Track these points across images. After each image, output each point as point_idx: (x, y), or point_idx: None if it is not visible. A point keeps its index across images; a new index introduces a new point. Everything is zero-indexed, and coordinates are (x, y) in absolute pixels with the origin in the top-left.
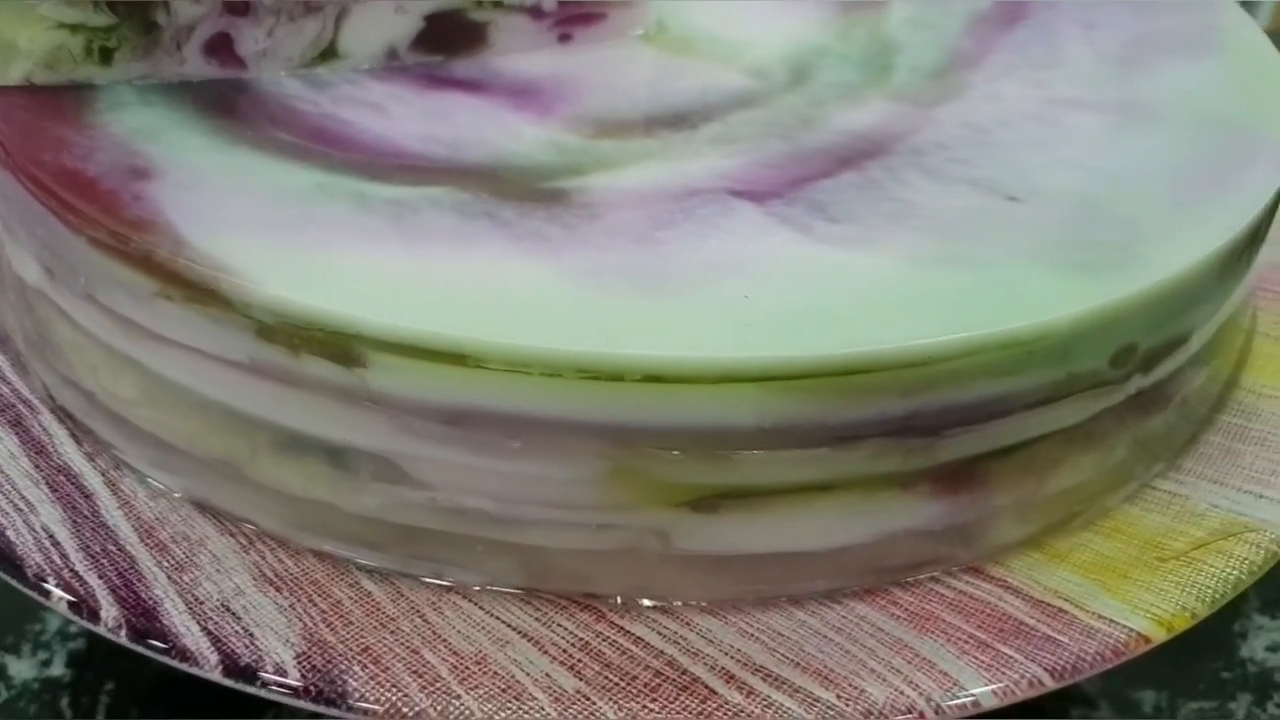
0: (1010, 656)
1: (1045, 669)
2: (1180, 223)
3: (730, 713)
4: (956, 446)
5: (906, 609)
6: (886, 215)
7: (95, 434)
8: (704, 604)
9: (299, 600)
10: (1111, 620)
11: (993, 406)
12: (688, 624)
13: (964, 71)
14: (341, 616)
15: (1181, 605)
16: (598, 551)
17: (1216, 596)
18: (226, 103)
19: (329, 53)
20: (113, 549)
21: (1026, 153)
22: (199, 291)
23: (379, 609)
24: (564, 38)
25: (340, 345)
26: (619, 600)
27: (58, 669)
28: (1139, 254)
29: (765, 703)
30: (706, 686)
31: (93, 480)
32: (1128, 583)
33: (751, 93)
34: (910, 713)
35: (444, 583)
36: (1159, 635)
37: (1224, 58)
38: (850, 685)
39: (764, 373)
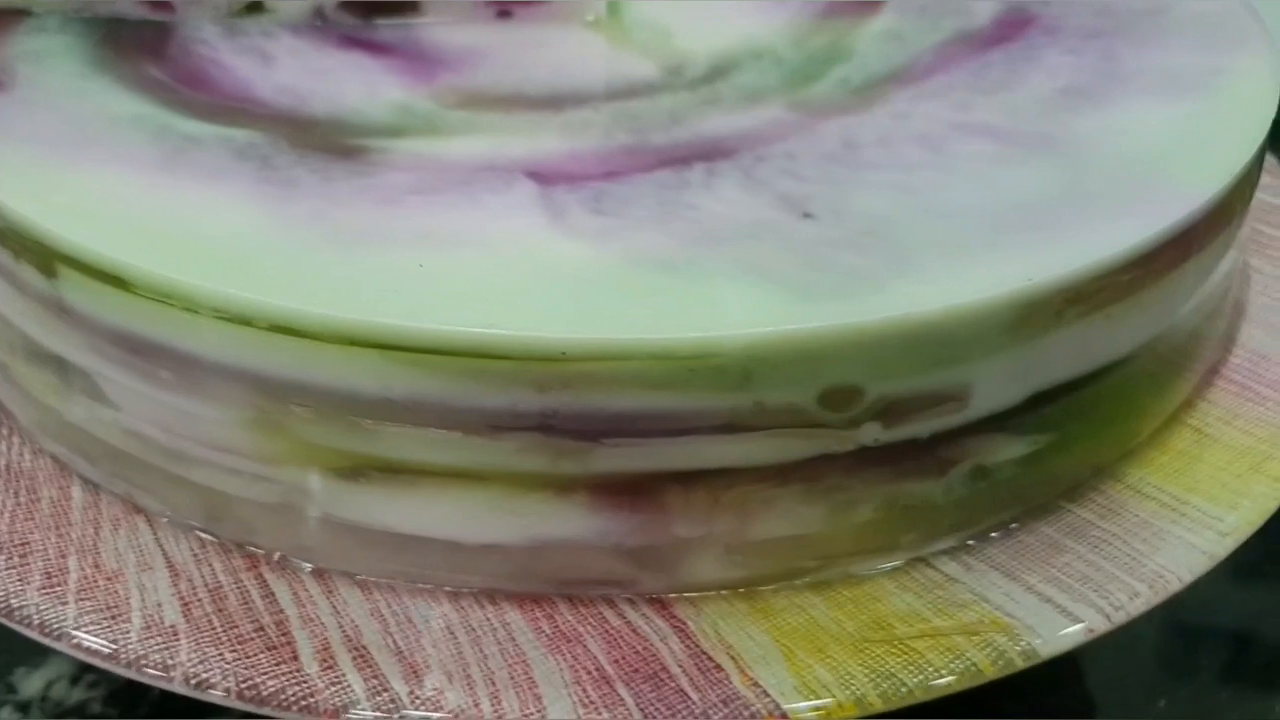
0: (621, 700)
1: None
2: (974, 264)
3: (293, 680)
4: (617, 459)
5: (558, 626)
6: (656, 216)
7: None
8: (358, 576)
9: (6, 491)
10: (765, 692)
11: (656, 422)
12: (329, 592)
13: (895, 88)
14: (30, 513)
15: (857, 695)
16: (258, 503)
17: (905, 694)
18: (136, 40)
19: (256, 6)
20: None
21: (874, 173)
22: None
23: (65, 514)
24: (502, 14)
25: (40, 255)
26: (279, 556)
27: None
28: (890, 288)
29: (333, 679)
30: (294, 651)
31: None
32: (818, 657)
33: (648, 85)
34: None
35: (137, 504)
36: None
37: (1202, 104)
38: (433, 685)
39: (384, 340)
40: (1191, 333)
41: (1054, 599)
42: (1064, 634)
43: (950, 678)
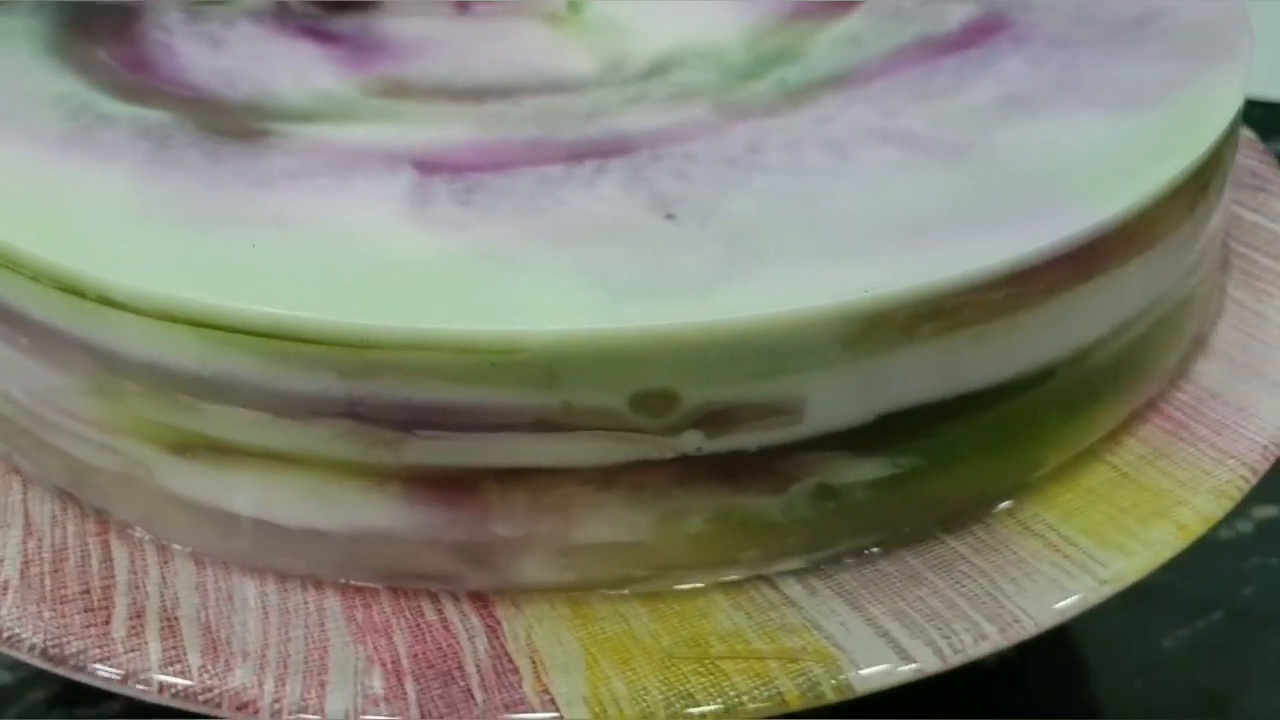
0: (404, 695)
1: None
2: (822, 272)
3: (97, 643)
4: (430, 452)
5: (372, 616)
6: (520, 210)
7: None
8: (198, 552)
9: None
10: (551, 700)
11: (466, 416)
12: (165, 563)
13: (831, 91)
14: None
15: (645, 712)
16: (108, 471)
17: (698, 717)
18: (101, 24)
19: None
20: None
21: (765, 177)
22: None
23: None
24: (461, 6)
25: None
26: (130, 526)
27: None
28: (720, 292)
29: (133, 645)
30: (108, 615)
31: None
32: (620, 669)
33: (581, 81)
34: (245, 708)
35: (15, 465)
36: None
37: (1147, 119)
38: (225, 664)
39: (193, 317)
40: (1115, 362)
41: (891, 633)
42: (888, 672)
43: (752, 704)
